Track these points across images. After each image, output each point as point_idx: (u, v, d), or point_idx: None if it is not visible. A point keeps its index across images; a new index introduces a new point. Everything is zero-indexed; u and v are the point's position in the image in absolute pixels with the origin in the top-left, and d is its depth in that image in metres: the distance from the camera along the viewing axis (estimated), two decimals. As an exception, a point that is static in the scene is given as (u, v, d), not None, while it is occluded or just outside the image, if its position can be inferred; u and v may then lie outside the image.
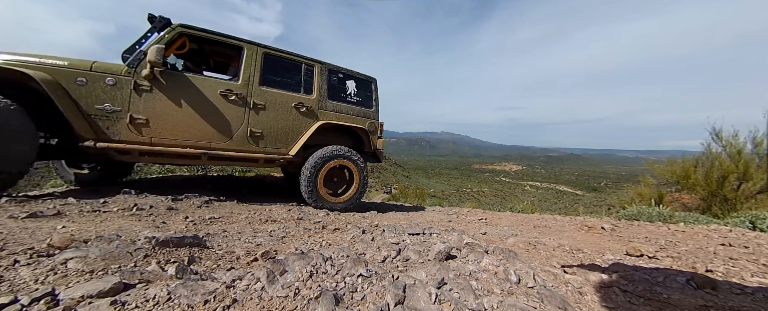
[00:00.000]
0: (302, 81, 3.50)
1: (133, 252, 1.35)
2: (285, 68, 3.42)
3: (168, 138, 2.81)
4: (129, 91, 2.64)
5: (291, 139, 3.42)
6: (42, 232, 1.66)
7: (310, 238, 2.04)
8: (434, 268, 1.41)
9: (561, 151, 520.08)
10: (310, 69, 3.56)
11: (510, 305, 1.16)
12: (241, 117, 3.11)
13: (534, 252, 2.17)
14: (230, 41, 3.12)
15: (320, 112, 3.58)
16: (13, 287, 1.04)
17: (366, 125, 3.94)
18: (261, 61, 3.23)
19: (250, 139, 3.18)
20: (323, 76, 3.63)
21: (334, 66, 3.77)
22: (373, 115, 4.06)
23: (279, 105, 3.31)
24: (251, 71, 3.16)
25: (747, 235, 2.99)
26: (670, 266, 2.00)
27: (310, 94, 3.53)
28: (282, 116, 3.33)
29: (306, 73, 3.53)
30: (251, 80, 3.15)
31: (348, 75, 3.89)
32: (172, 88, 2.79)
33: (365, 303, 1.09)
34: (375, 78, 4.17)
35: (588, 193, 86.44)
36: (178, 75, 2.85)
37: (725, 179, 6.33)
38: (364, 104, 3.99)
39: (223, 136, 3.05)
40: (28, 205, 2.28)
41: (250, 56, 3.17)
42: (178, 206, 2.69)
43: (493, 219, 3.92)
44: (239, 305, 1.02)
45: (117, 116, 2.61)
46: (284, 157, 3.38)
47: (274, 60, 3.35)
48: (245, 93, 3.11)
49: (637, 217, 4.43)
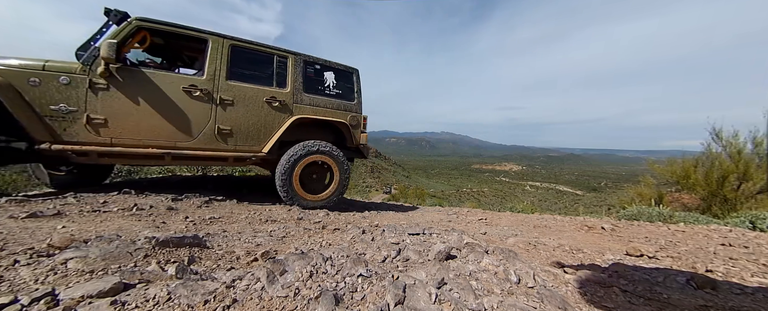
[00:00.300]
0: (275, 74, 3.32)
1: (133, 252, 1.35)
2: (255, 61, 3.25)
3: (129, 138, 2.70)
4: (84, 90, 2.52)
5: (264, 135, 3.26)
6: (42, 232, 1.66)
7: (310, 238, 2.04)
8: (434, 268, 1.41)
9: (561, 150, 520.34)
10: (284, 61, 3.38)
11: (510, 305, 1.16)
12: (207, 114, 2.96)
13: (534, 252, 2.17)
14: (192, 34, 2.96)
15: (295, 106, 3.40)
16: (13, 287, 1.04)
17: (347, 119, 3.74)
18: (228, 54, 3.07)
19: (218, 136, 3.03)
20: (298, 68, 3.45)
21: (311, 57, 3.58)
22: (355, 108, 3.86)
23: (249, 100, 3.15)
24: (217, 65, 3.00)
25: (747, 235, 2.99)
26: (670, 266, 2.00)
27: (284, 87, 3.35)
28: (252, 112, 3.17)
29: (279, 65, 3.34)
30: (217, 74, 2.99)
31: (326, 66, 3.70)
32: (131, 85, 2.67)
33: (365, 303, 1.09)
34: (356, 69, 3.96)
35: (588, 193, 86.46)
36: (137, 71, 2.72)
37: (725, 179, 6.33)
38: (345, 97, 3.79)
39: (189, 135, 2.91)
40: (28, 205, 2.28)
41: (215, 49, 3.01)
42: (178, 206, 2.69)
43: (493, 219, 3.92)
44: (239, 305, 1.02)
45: (73, 117, 2.50)
46: (257, 155, 3.23)
47: (243, 52, 3.18)
48: (211, 88, 2.96)
49: (637, 217, 4.43)
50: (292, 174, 3.28)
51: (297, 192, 3.32)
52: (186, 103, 2.87)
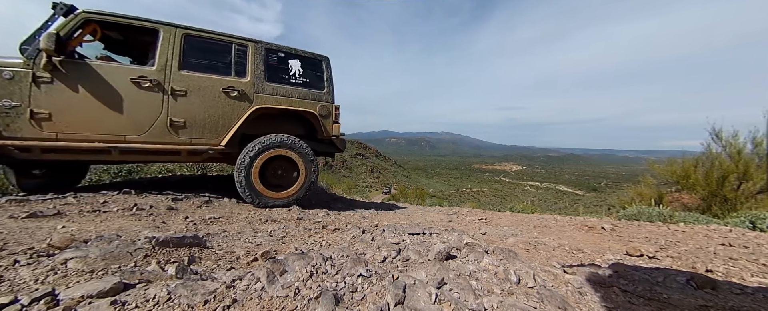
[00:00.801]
0: (233, 62, 3.19)
1: (133, 252, 1.35)
2: (211, 50, 3.13)
3: (76, 132, 2.61)
4: (28, 84, 2.47)
5: (222, 127, 3.12)
6: (42, 232, 1.66)
7: (310, 238, 2.04)
8: (434, 268, 1.41)
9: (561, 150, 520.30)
10: (243, 49, 3.24)
11: (510, 305, 1.16)
12: (158, 105, 2.85)
13: (534, 252, 2.17)
14: (142, 24, 2.86)
15: (256, 96, 3.25)
16: (13, 287, 1.04)
17: (316, 109, 3.55)
18: (181, 44, 2.97)
19: (171, 129, 2.91)
20: (259, 56, 3.30)
21: (274, 44, 3.45)
22: (325, 97, 3.67)
23: (204, 90, 3.02)
24: (169, 55, 2.90)
25: (747, 235, 2.99)
26: (670, 266, 2.00)
27: (244, 76, 3.21)
28: (208, 102, 3.04)
29: (237, 54, 3.22)
30: (169, 64, 2.89)
31: (291, 54, 3.53)
32: (76, 78, 2.59)
33: (365, 303, 1.09)
34: (326, 56, 3.78)
35: (588, 193, 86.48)
36: (82, 64, 2.64)
37: (725, 179, 6.33)
38: (313, 85, 3.61)
39: (139, 128, 2.81)
40: (28, 205, 2.28)
41: (166, 39, 2.91)
42: (178, 206, 2.69)
43: (493, 219, 3.92)
44: (239, 305, 1.02)
45: (16, 112, 2.45)
46: (214, 148, 3.09)
47: (198, 41, 3.07)
48: (162, 78, 2.85)
49: (637, 217, 4.43)
50: (251, 170, 3.11)
51: (257, 189, 3.15)
52: (134, 94, 2.77)
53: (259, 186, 3.17)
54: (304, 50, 3.64)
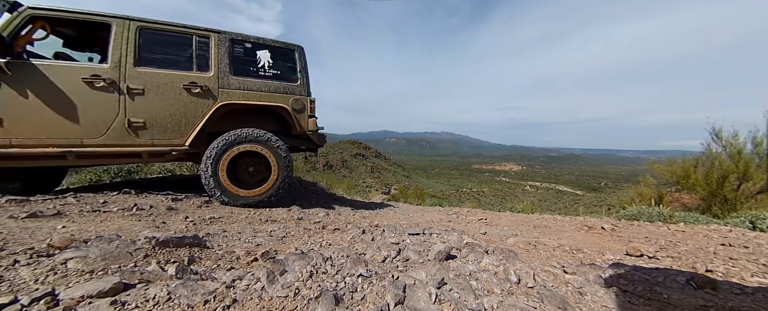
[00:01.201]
0: (194, 56, 2.99)
1: (133, 252, 1.35)
2: (170, 43, 2.94)
3: (30, 137, 2.51)
4: None
5: (185, 126, 2.95)
6: (42, 232, 1.66)
7: (310, 238, 2.04)
8: (434, 268, 1.41)
9: (561, 150, 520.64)
10: (205, 41, 3.05)
11: (510, 305, 1.16)
12: (114, 106, 2.71)
13: (534, 252, 2.17)
14: (92, 18, 2.70)
15: (221, 91, 3.05)
16: (13, 287, 1.04)
17: (289, 103, 3.34)
18: (135, 38, 2.79)
19: (130, 130, 2.77)
20: (223, 48, 3.10)
21: (239, 35, 3.22)
22: (299, 89, 3.44)
23: (163, 87, 2.86)
24: (123, 51, 2.73)
25: (747, 235, 2.99)
26: (670, 266, 2.00)
27: (207, 70, 3.02)
28: (169, 100, 2.87)
29: (199, 47, 3.02)
30: (123, 61, 2.73)
31: (259, 44, 3.31)
32: (23, 80, 2.46)
33: (365, 303, 1.10)
34: (299, 45, 3.53)
35: (588, 193, 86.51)
36: (29, 65, 2.52)
37: (725, 179, 6.33)
38: (285, 78, 3.39)
39: (96, 130, 2.68)
40: (28, 205, 2.28)
41: (119, 33, 2.74)
42: (178, 206, 2.69)
43: (493, 219, 3.92)
44: (239, 305, 1.02)
45: None
46: (178, 149, 2.94)
47: (154, 35, 2.89)
48: (117, 77, 2.70)
49: (637, 217, 4.43)
50: (217, 168, 2.96)
51: (225, 187, 2.99)
52: (88, 95, 2.64)
53: (228, 184, 3.02)
54: (274, 40, 3.41)
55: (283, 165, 3.23)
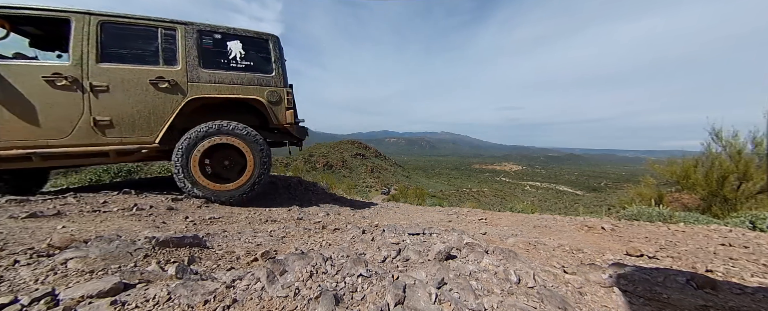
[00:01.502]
0: (160, 50, 2.90)
1: (133, 252, 1.35)
2: (134, 37, 2.85)
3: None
4: None
5: (155, 123, 2.88)
6: (42, 232, 1.66)
7: (310, 238, 2.04)
8: (434, 268, 1.41)
9: (561, 150, 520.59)
10: (171, 33, 2.94)
11: (510, 305, 1.16)
12: (78, 104, 2.64)
13: (534, 252, 2.17)
14: (50, 15, 2.62)
15: (191, 85, 2.95)
16: (13, 287, 1.04)
17: (264, 95, 3.21)
18: (97, 33, 2.69)
19: (96, 129, 2.70)
20: (190, 41, 2.99)
21: (208, 25, 3.09)
22: (274, 81, 3.30)
23: (128, 83, 2.77)
24: (84, 47, 2.65)
25: (747, 235, 2.99)
26: (670, 266, 2.00)
27: (174, 64, 2.92)
28: (135, 97, 2.79)
29: (165, 40, 2.92)
30: (85, 58, 2.65)
31: (229, 35, 3.17)
32: None
33: (365, 303, 1.09)
34: (274, 35, 3.39)
35: (588, 193, 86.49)
36: None
37: (725, 179, 6.33)
38: (259, 69, 3.25)
39: (60, 130, 2.62)
40: (28, 205, 2.28)
41: (79, 29, 2.65)
42: (178, 206, 2.69)
43: (493, 219, 3.92)
44: (239, 305, 1.02)
45: None
46: (148, 146, 2.87)
47: (117, 29, 2.79)
48: (78, 74, 2.62)
49: (637, 217, 4.43)
50: (189, 161, 2.88)
51: (198, 181, 2.91)
52: (50, 94, 2.57)
53: (201, 179, 2.92)
54: (245, 29, 3.26)
55: (260, 159, 3.11)
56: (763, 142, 6.34)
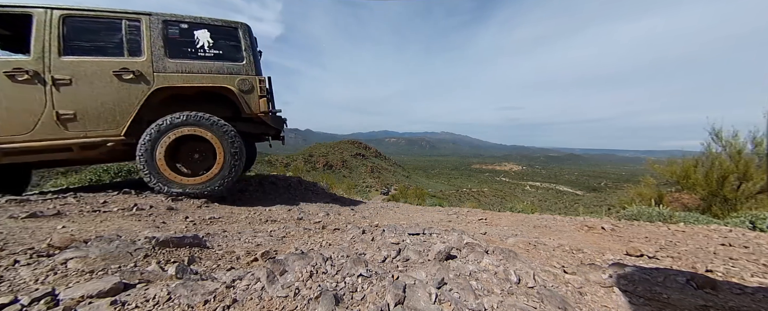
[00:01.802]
0: (125, 41, 2.86)
1: (133, 252, 1.35)
2: (97, 30, 2.83)
3: None
4: None
5: (120, 116, 2.84)
6: (42, 232, 1.66)
7: (310, 238, 2.04)
8: (434, 268, 1.41)
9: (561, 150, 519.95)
10: (136, 24, 2.91)
11: (510, 305, 1.16)
12: (40, 99, 2.63)
13: (534, 252, 2.17)
14: (10, 11, 2.61)
15: (156, 75, 2.91)
16: (13, 287, 1.04)
17: (234, 84, 3.13)
18: (59, 27, 2.69)
19: (60, 123, 2.68)
20: (156, 31, 2.96)
21: (173, 15, 3.06)
22: (245, 69, 3.22)
23: (91, 76, 2.74)
24: (45, 41, 2.65)
25: (747, 235, 2.99)
26: (670, 266, 2.00)
27: (139, 55, 2.89)
28: (99, 89, 2.76)
29: (130, 31, 2.89)
30: (47, 52, 2.65)
31: (196, 24, 3.12)
32: None
33: (365, 303, 1.09)
34: (243, 23, 3.33)
35: (588, 193, 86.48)
36: None
37: (725, 179, 6.33)
38: (229, 57, 3.19)
39: (23, 126, 2.61)
40: (28, 205, 2.28)
41: (41, 23, 2.65)
42: (178, 206, 2.69)
43: (493, 219, 3.92)
44: (239, 305, 1.02)
45: None
46: (113, 139, 2.82)
47: (80, 22, 2.78)
48: (40, 68, 2.61)
49: (637, 217, 4.43)
50: (154, 154, 2.83)
51: (164, 174, 2.85)
52: (11, 89, 2.56)
53: (168, 172, 2.87)
54: (213, 18, 3.21)
55: (231, 150, 3.03)
56: (763, 142, 6.33)
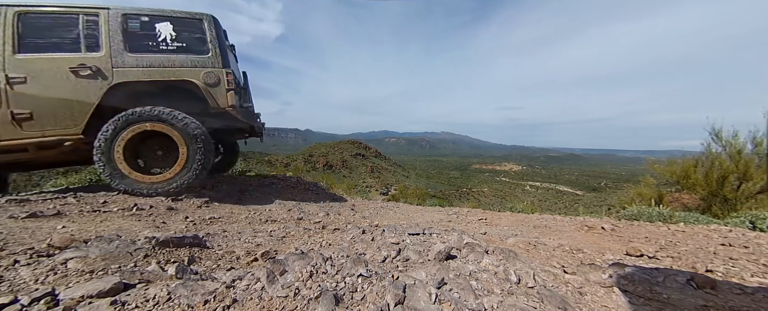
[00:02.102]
0: (82, 36, 2.79)
1: (133, 252, 1.35)
2: (54, 26, 2.76)
3: None
4: None
5: (79, 113, 2.77)
6: (42, 232, 1.66)
7: (310, 238, 2.04)
8: (434, 268, 1.41)
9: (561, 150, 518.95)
10: (93, 19, 2.83)
11: (510, 305, 1.16)
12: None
13: (534, 252, 2.17)
14: None
15: (116, 70, 2.82)
16: (13, 287, 1.04)
17: (200, 77, 3.01)
18: (14, 24, 2.64)
19: (16, 123, 2.62)
20: (115, 25, 2.87)
21: (133, 8, 2.98)
22: (211, 61, 3.10)
23: (47, 73, 2.68)
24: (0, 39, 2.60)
25: (747, 235, 2.99)
26: (670, 266, 2.00)
27: (97, 50, 2.81)
28: (55, 87, 2.69)
29: (87, 26, 2.81)
30: (1, 50, 2.61)
31: (157, 17, 3.02)
32: None
33: (365, 303, 1.09)
34: (209, 14, 3.21)
35: (588, 193, 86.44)
36: None
37: (725, 179, 6.33)
38: (193, 50, 3.08)
39: None
40: (28, 205, 2.28)
41: None
42: (178, 206, 2.69)
43: (493, 219, 3.92)
44: (239, 305, 1.02)
45: None
46: (72, 138, 2.75)
47: (36, 19, 2.72)
48: None
49: (637, 217, 4.43)
50: (111, 150, 2.74)
51: (123, 172, 2.77)
52: None
53: (127, 170, 2.78)
54: (175, 10, 3.12)
55: (195, 146, 2.92)
56: (763, 142, 6.33)
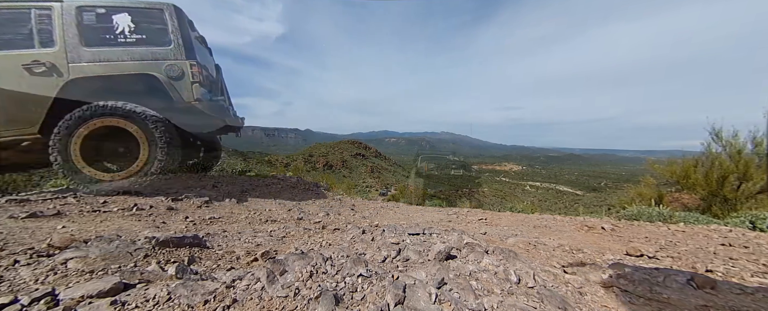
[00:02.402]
0: (35, 32, 2.69)
1: (133, 252, 1.35)
2: (5, 22, 2.66)
3: None
4: None
5: (35, 111, 2.68)
6: (42, 232, 1.66)
7: (310, 238, 2.04)
8: (434, 268, 1.41)
9: (561, 150, 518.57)
10: (46, 13, 2.72)
11: (510, 305, 1.16)
12: None
13: (534, 252, 2.17)
14: None
15: (71, 66, 2.71)
16: (13, 287, 1.04)
17: (161, 70, 2.88)
18: None
19: None
20: (69, 18, 2.75)
21: (88, 0, 2.84)
22: (173, 53, 2.95)
23: (0, 71, 2.60)
24: None
25: (747, 235, 2.99)
26: (670, 266, 2.00)
27: (51, 46, 2.71)
28: (8, 85, 2.61)
29: (40, 21, 2.70)
30: None
31: (114, 8, 2.88)
32: None
33: (365, 303, 1.09)
34: (170, 3, 3.01)
35: (588, 193, 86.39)
36: None
37: (725, 179, 6.33)
38: (154, 42, 2.94)
39: None
40: (28, 205, 2.28)
41: None
42: (178, 206, 2.69)
43: (493, 219, 3.92)
44: (239, 305, 1.02)
45: None
46: (29, 138, 2.67)
47: None
48: None
49: (637, 217, 4.43)
50: (67, 147, 2.64)
51: (81, 170, 2.68)
52: None
53: (84, 167, 2.69)
54: (134, 0, 2.96)
55: (157, 142, 2.81)
56: (763, 142, 6.33)
